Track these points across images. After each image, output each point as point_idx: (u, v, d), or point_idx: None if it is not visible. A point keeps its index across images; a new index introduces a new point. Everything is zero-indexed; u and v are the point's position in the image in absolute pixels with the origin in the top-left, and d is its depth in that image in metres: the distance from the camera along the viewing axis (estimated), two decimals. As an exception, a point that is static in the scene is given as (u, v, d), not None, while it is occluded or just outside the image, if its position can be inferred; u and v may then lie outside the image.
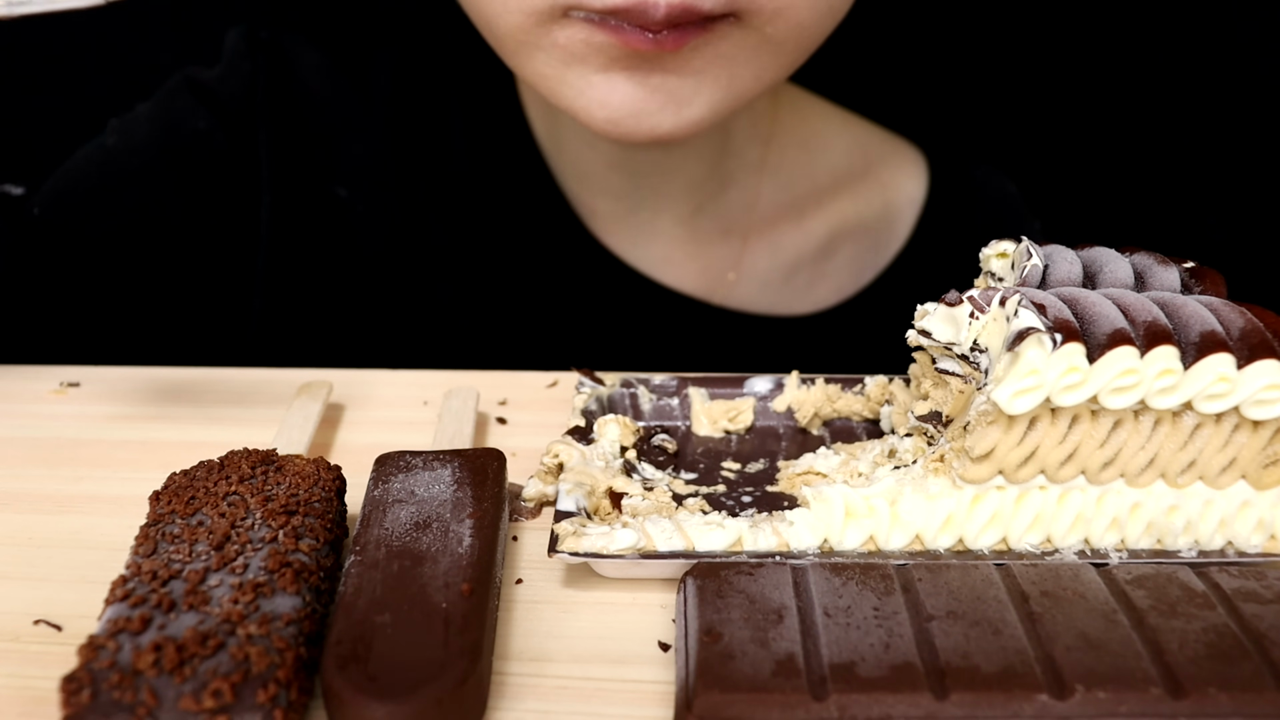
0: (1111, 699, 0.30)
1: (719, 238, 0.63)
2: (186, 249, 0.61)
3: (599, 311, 0.63)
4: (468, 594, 0.33)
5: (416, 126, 0.62)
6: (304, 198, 0.61)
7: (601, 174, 0.60)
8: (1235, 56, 0.76)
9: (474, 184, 0.62)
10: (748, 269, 0.64)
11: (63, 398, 0.49)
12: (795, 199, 0.64)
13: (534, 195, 0.61)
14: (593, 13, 0.45)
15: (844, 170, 0.65)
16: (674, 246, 0.63)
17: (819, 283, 0.64)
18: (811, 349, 0.64)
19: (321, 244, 0.62)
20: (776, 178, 0.63)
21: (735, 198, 0.63)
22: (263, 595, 0.32)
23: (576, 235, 0.62)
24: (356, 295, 0.63)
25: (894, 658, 0.31)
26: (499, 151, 0.62)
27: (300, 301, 0.63)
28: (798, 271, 0.64)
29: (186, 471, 0.38)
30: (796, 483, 0.42)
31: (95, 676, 0.29)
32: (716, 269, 0.63)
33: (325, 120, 0.62)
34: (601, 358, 0.58)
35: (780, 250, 0.64)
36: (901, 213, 0.66)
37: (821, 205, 0.64)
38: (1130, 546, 0.38)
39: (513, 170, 0.61)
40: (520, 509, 0.41)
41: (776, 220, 0.64)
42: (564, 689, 0.33)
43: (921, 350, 0.40)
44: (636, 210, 0.61)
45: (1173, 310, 0.37)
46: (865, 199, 0.65)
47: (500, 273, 0.62)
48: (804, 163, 0.64)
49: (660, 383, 0.47)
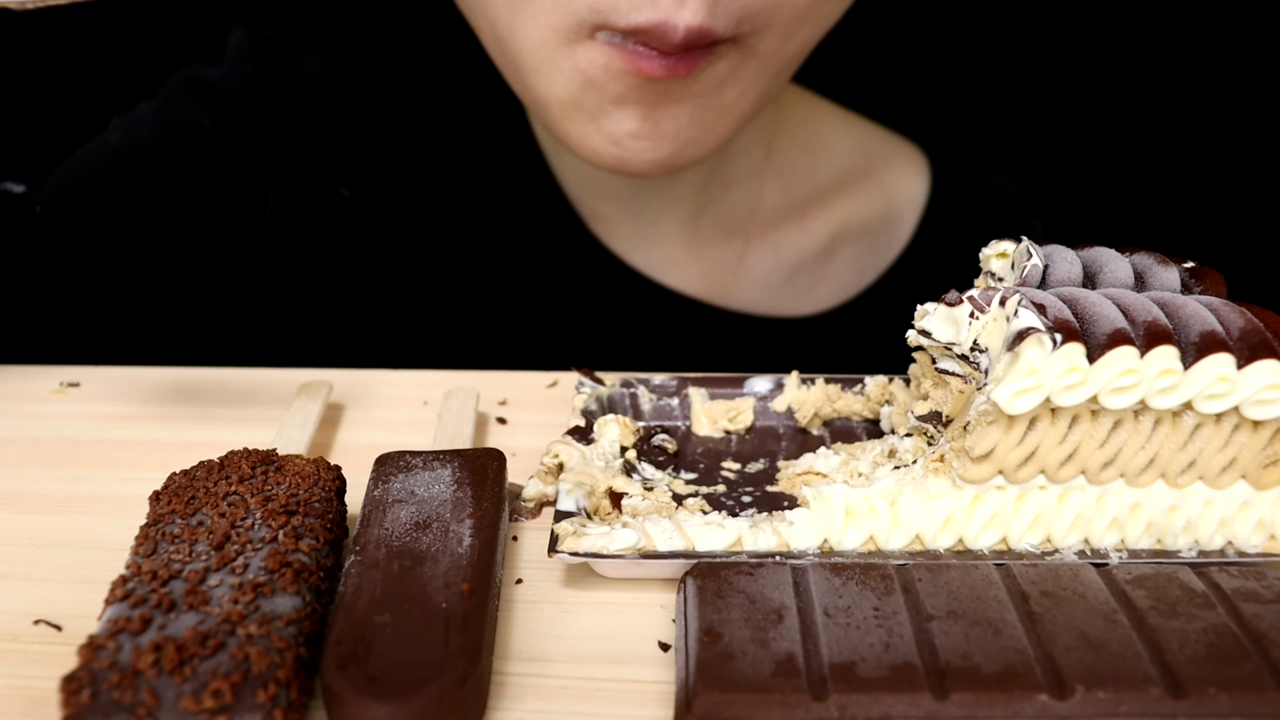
0: (1111, 699, 0.30)
1: (721, 239, 0.63)
2: (189, 247, 0.61)
3: (601, 312, 0.63)
4: (468, 594, 0.33)
5: (419, 127, 0.62)
6: (307, 197, 0.61)
7: (604, 177, 0.60)
8: (1235, 56, 0.76)
9: (476, 186, 0.62)
10: (750, 270, 0.64)
11: (63, 398, 0.49)
12: (797, 200, 0.64)
13: (536, 197, 0.61)
14: (616, 32, 0.45)
15: (846, 171, 0.65)
16: (677, 249, 0.63)
17: (821, 283, 0.65)
18: (814, 350, 0.64)
19: (324, 243, 0.62)
20: (779, 179, 0.63)
21: (737, 200, 0.63)
22: (263, 595, 0.32)
23: (579, 237, 0.62)
24: (358, 294, 0.63)
25: (894, 658, 0.31)
26: (501, 153, 0.62)
27: (303, 300, 0.63)
28: (800, 272, 0.64)
29: (186, 471, 0.38)
30: (796, 483, 0.42)
31: (95, 676, 0.29)
32: (719, 271, 0.63)
33: (328, 120, 0.62)
34: (604, 358, 0.58)
35: (782, 251, 0.64)
36: (903, 213, 0.66)
37: (823, 206, 0.64)
38: (1130, 546, 0.38)
39: (515, 172, 0.61)
40: (520, 509, 0.41)
41: (778, 221, 0.64)
42: (564, 689, 0.33)
43: (921, 350, 0.40)
44: (639, 213, 0.61)
45: (1173, 310, 0.37)
46: (867, 200, 0.65)
47: (503, 274, 0.62)
48: (806, 164, 0.64)
49: (660, 383, 0.47)
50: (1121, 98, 0.78)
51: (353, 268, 0.62)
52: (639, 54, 0.45)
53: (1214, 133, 0.78)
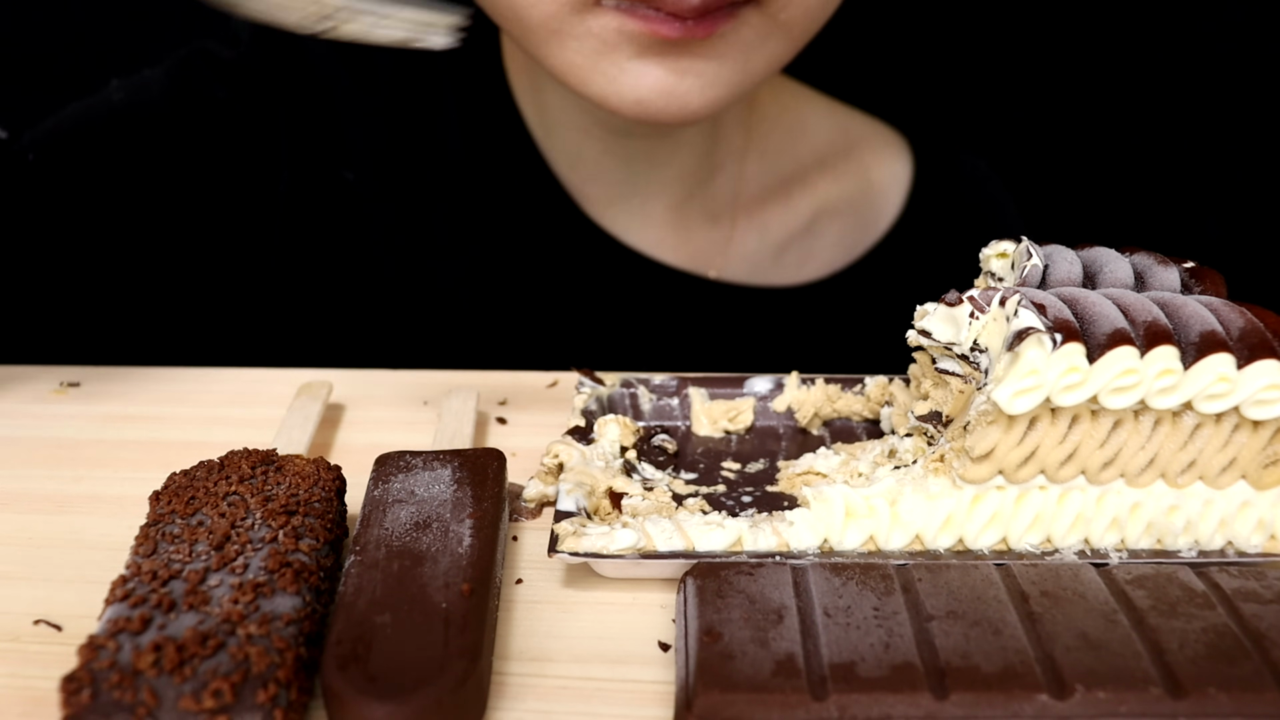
0: (1111, 699, 0.30)
1: (709, 221, 0.64)
2: (191, 214, 0.61)
3: (596, 288, 0.64)
4: (468, 594, 0.33)
5: (414, 115, 0.63)
6: (315, 179, 0.62)
7: (595, 159, 0.61)
8: (1234, 56, 0.76)
9: (469, 171, 0.63)
10: (738, 248, 0.65)
11: (63, 398, 0.49)
12: (780, 180, 0.65)
13: (528, 180, 0.62)
14: (624, 0, 0.46)
15: (826, 151, 0.67)
16: (667, 230, 0.64)
17: (808, 260, 0.66)
18: (803, 321, 0.65)
19: (329, 225, 0.63)
20: (762, 161, 0.65)
21: (723, 183, 0.64)
22: (263, 595, 0.32)
23: (573, 217, 0.63)
24: (359, 275, 0.63)
25: (894, 658, 0.31)
26: (491, 139, 0.63)
27: (306, 283, 0.63)
28: (787, 249, 0.66)
29: (186, 471, 0.38)
30: (796, 483, 0.42)
31: (95, 676, 0.29)
32: (709, 251, 0.65)
33: (333, 106, 0.62)
34: (601, 335, 0.59)
35: (769, 230, 0.65)
36: (885, 193, 0.67)
37: (805, 185, 0.66)
38: (1130, 546, 0.38)
39: (505, 156, 0.62)
40: (520, 509, 0.41)
41: (763, 201, 0.65)
42: (564, 689, 0.33)
43: (921, 350, 0.40)
44: (629, 196, 0.63)
45: (1173, 310, 0.37)
46: (849, 178, 0.67)
47: (499, 255, 0.64)
48: (787, 145, 0.65)
49: (660, 383, 0.47)
50: (1121, 98, 0.78)
51: (353, 248, 0.63)
52: (651, 17, 0.46)
53: (1214, 133, 0.78)
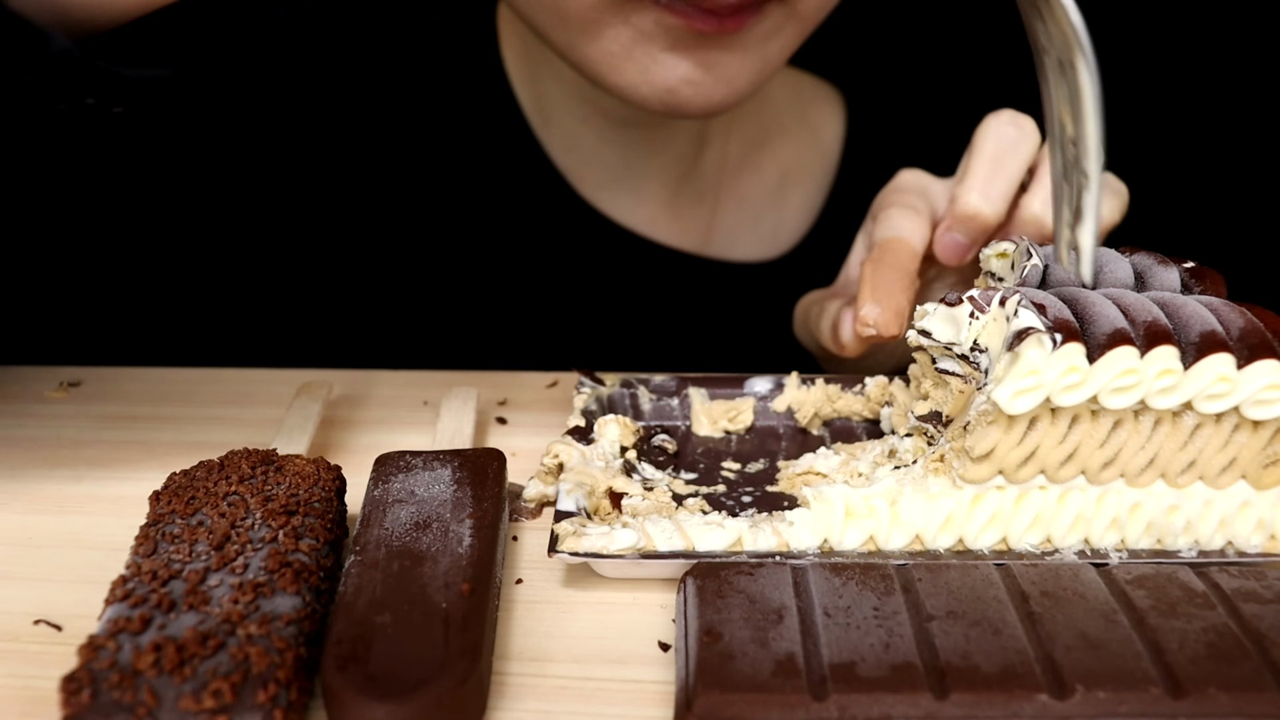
0: (1111, 699, 0.30)
1: (697, 198, 0.66)
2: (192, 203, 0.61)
3: (596, 272, 0.65)
4: (468, 594, 0.33)
5: (410, 104, 0.64)
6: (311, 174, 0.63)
7: (592, 146, 0.63)
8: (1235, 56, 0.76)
9: (465, 158, 0.64)
10: (721, 222, 0.67)
11: (63, 398, 0.49)
12: (751, 151, 0.67)
13: (525, 166, 0.64)
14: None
15: (786, 116, 0.68)
16: (659, 209, 0.65)
17: (781, 227, 0.68)
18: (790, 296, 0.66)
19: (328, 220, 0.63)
20: (739, 133, 0.66)
21: (710, 159, 0.66)
22: (263, 595, 0.32)
23: (570, 200, 0.64)
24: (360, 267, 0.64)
25: (894, 658, 0.31)
26: (488, 126, 0.63)
27: (306, 282, 0.64)
28: (761, 219, 0.67)
29: (186, 471, 0.38)
30: (796, 483, 0.42)
31: (95, 676, 0.29)
32: (697, 227, 0.66)
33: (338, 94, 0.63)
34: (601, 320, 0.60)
35: (746, 202, 0.67)
36: (830, 151, 0.69)
37: (770, 151, 0.67)
38: (1130, 546, 0.38)
39: (502, 144, 0.63)
40: (520, 509, 0.41)
41: (740, 172, 0.67)
42: (564, 689, 0.33)
43: (921, 350, 0.40)
44: (624, 179, 0.64)
45: (1173, 310, 0.37)
46: (804, 142, 0.68)
47: (498, 240, 0.64)
48: (754, 116, 0.67)
49: (660, 383, 0.47)
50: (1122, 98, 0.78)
51: (352, 238, 0.64)
52: (691, 14, 0.47)
53: (1213, 133, 0.78)
